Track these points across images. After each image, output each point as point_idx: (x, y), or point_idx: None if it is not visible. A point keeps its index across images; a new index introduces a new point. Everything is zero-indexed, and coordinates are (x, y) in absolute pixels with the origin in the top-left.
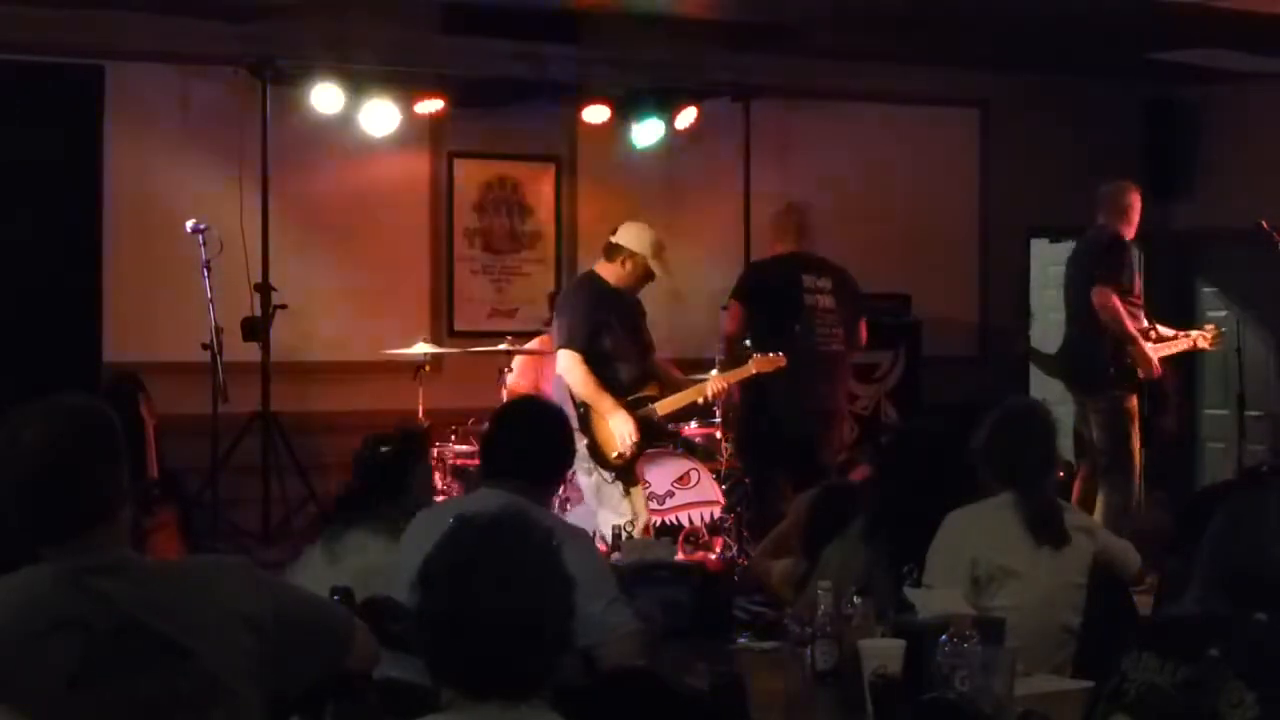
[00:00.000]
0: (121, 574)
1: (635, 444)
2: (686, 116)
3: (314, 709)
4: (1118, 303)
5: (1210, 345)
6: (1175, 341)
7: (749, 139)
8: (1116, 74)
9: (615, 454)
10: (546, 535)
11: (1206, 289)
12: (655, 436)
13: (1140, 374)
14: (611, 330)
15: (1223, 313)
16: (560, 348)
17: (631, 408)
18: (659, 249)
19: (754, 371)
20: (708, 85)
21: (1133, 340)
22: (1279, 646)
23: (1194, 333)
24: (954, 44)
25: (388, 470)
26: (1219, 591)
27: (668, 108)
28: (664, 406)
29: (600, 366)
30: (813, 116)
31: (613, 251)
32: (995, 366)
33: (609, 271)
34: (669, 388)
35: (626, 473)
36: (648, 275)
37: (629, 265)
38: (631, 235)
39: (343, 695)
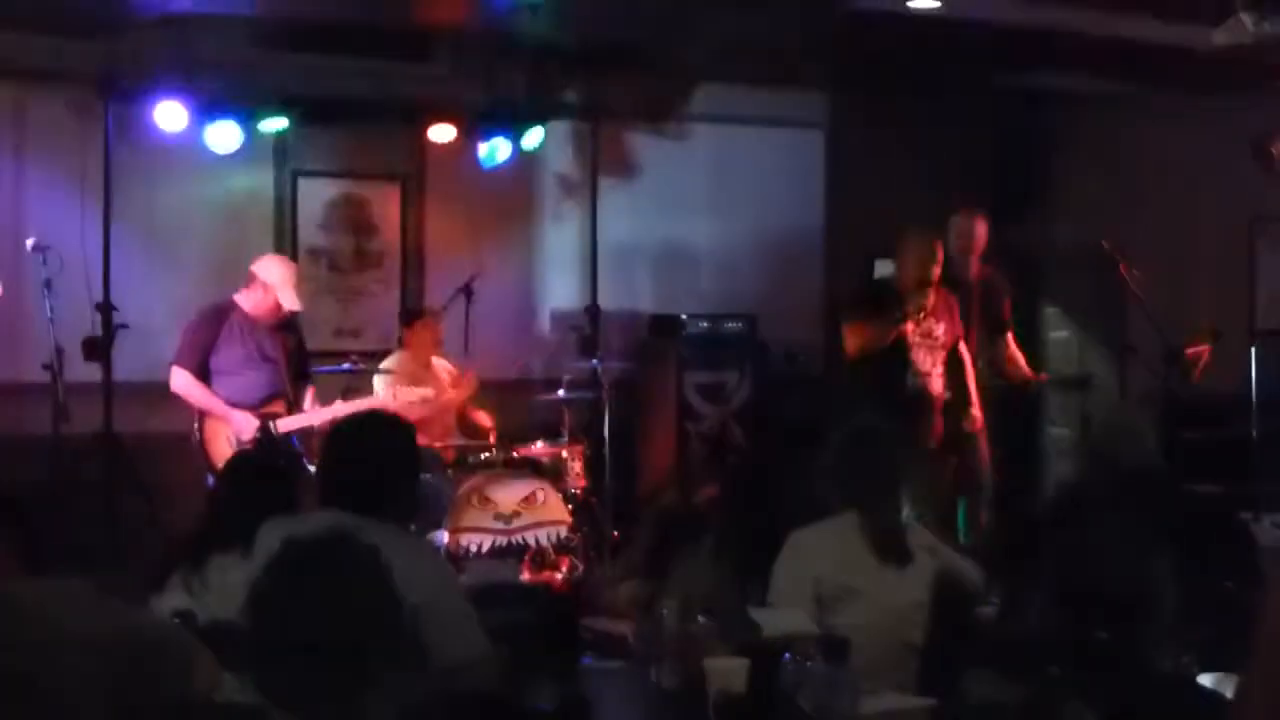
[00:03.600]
0: None
1: (246, 443)
2: (534, 136)
3: None
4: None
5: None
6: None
7: (596, 159)
8: (965, 95)
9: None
10: (371, 556)
11: (1049, 309)
12: (271, 449)
13: None
14: (225, 351)
15: (1064, 333)
16: (173, 365)
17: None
18: (287, 281)
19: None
20: (555, 105)
21: None
22: (1119, 664)
23: None
24: (798, 67)
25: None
26: (1060, 610)
27: (515, 127)
28: (286, 423)
29: (208, 381)
30: (658, 137)
31: (250, 280)
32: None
33: (245, 299)
34: (298, 410)
35: None
36: (279, 305)
37: (263, 294)
38: (266, 267)
39: (183, 717)
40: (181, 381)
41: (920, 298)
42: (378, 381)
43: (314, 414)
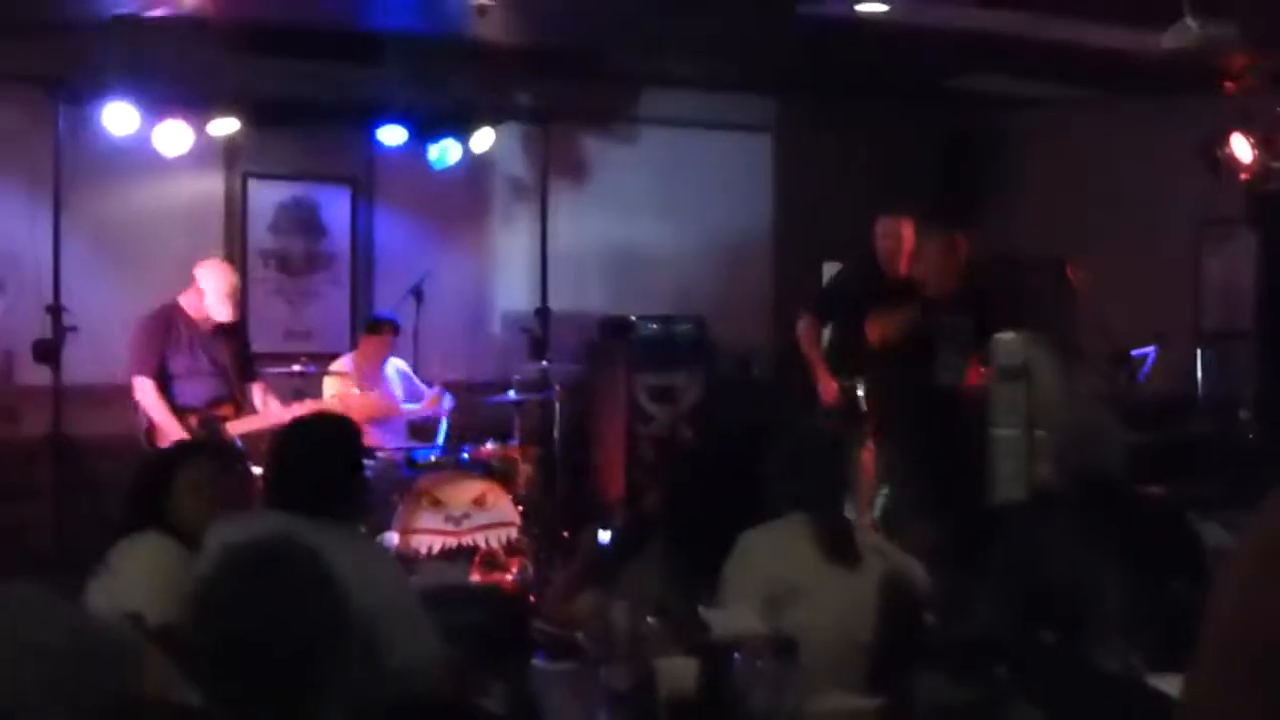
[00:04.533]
0: None
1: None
2: (483, 139)
3: None
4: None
5: None
6: None
7: (546, 162)
8: (911, 99)
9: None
10: (310, 558)
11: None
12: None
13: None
14: (173, 356)
15: (1009, 335)
16: (133, 374)
17: (202, 422)
18: (223, 293)
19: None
20: (505, 108)
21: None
22: (1065, 666)
23: None
24: (747, 70)
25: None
26: (1005, 610)
27: (465, 130)
28: (235, 426)
29: (165, 387)
30: (610, 140)
31: (192, 283)
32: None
33: (187, 302)
34: (249, 412)
35: None
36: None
37: (201, 299)
38: (203, 274)
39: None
40: (145, 391)
41: (941, 292)
42: (328, 384)
43: (264, 416)
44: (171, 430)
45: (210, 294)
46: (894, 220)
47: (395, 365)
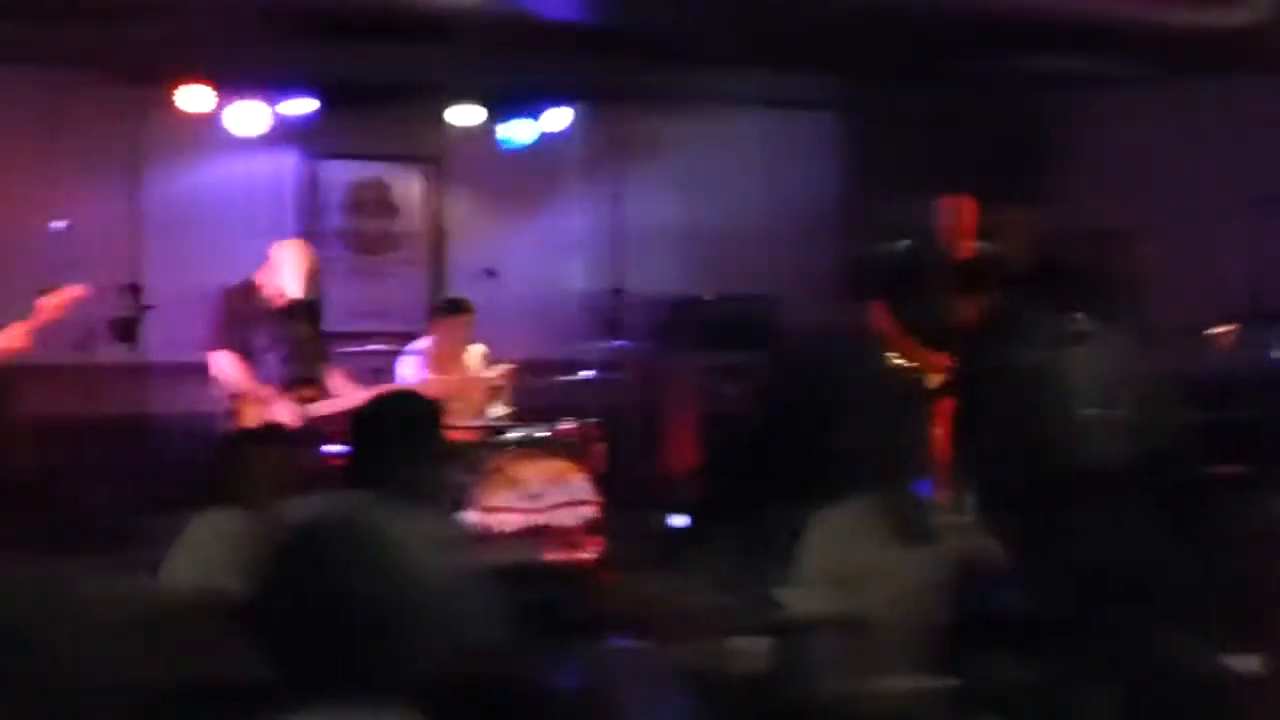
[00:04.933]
0: None
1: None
2: (555, 118)
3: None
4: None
5: None
6: None
7: (618, 141)
8: (976, 79)
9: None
10: (378, 536)
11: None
12: (296, 432)
13: None
14: (257, 334)
15: (1076, 314)
16: (211, 349)
17: (287, 403)
18: (300, 272)
19: None
20: (576, 88)
21: None
22: (1135, 646)
23: None
24: (814, 49)
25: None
26: (1076, 591)
27: (537, 110)
28: (313, 409)
29: (246, 364)
30: (678, 119)
31: (268, 263)
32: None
33: (265, 279)
34: (328, 395)
35: None
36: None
37: (278, 278)
38: (280, 254)
39: (205, 695)
40: (222, 364)
41: (1021, 268)
42: (407, 365)
43: (343, 399)
44: (252, 405)
45: (286, 271)
46: (955, 197)
47: (473, 347)
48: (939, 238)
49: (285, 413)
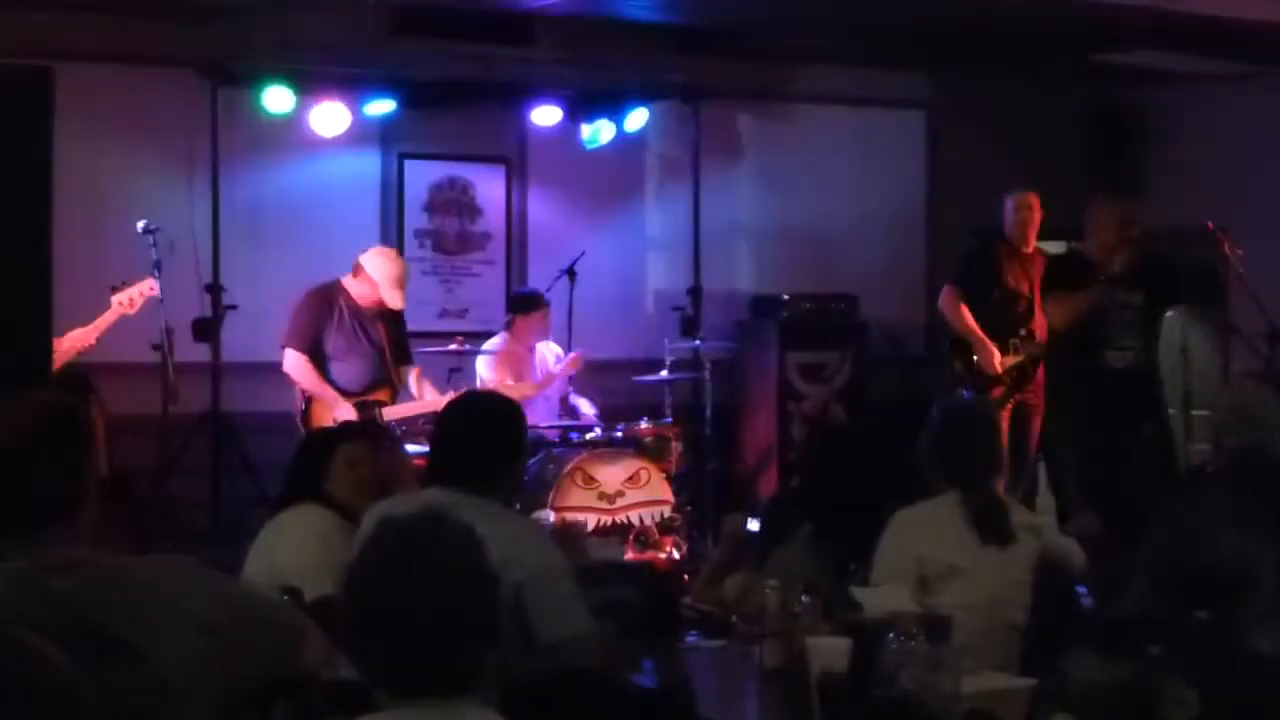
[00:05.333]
0: (75, 574)
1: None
2: (636, 118)
3: (264, 707)
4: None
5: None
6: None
7: (699, 140)
8: (1062, 76)
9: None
10: (466, 534)
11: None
12: (378, 430)
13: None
14: (333, 336)
15: (1168, 312)
16: (285, 346)
17: (360, 406)
18: (395, 281)
19: None
20: (658, 87)
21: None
22: (1219, 645)
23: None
24: (900, 47)
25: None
26: (1160, 590)
27: (618, 109)
28: (391, 411)
29: (321, 364)
30: (761, 118)
31: (357, 270)
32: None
33: (352, 285)
34: (403, 399)
35: None
36: (383, 300)
37: (369, 287)
38: (372, 262)
39: (293, 694)
40: (293, 362)
41: (1115, 265)
42: (481, 364)
43: (420, 403)
44: (324, 401)
45: (382, 282)
46: (1025, 194)
47: (546, 346)
48: (1012, 232)
49: (361, 413)
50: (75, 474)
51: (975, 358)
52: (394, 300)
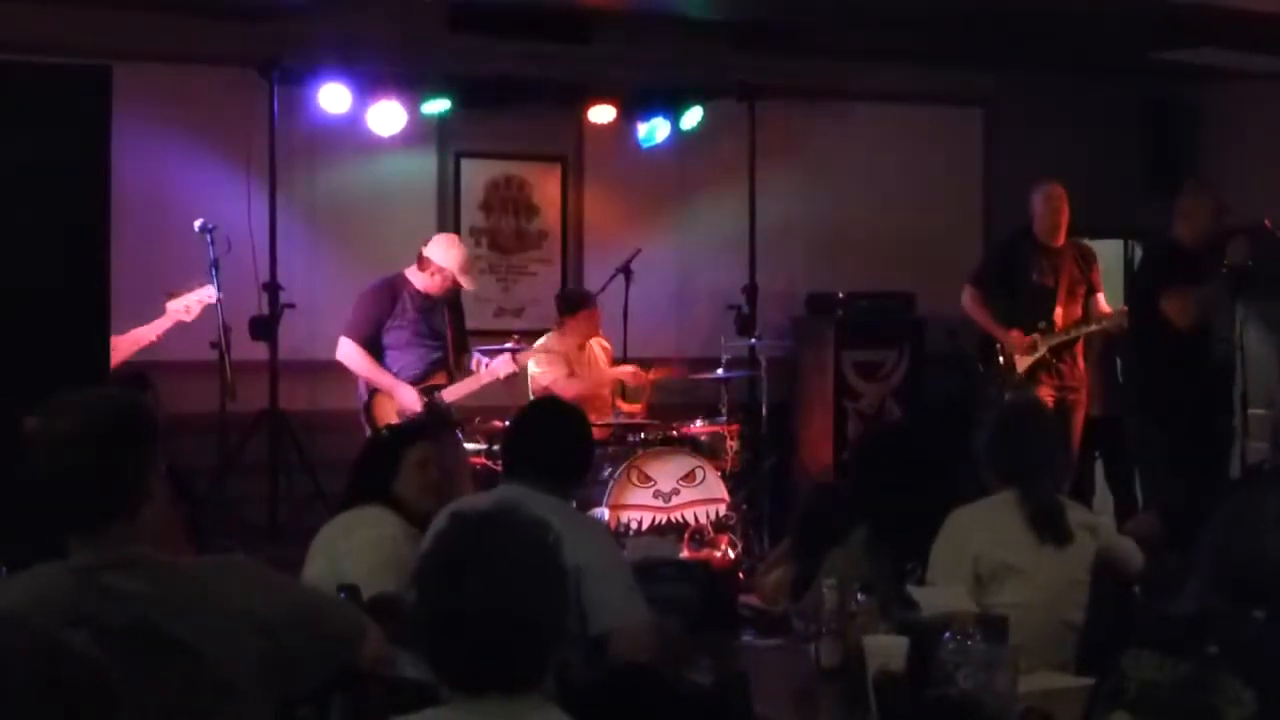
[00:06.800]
0: (138, 571)
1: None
2: (692, 116)
3: (322, 703)
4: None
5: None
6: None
7: (754, 138)
8: (1119, 73)
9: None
10: (540, 529)
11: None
12: (440, 419)
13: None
14: (397, 327)
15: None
16: (342, 335)
17: (424, 391)
18: (465, 265)
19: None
20: (713, 85)
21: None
22: (1277, 643)
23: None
24: (957, 43)
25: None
26: (1217, 589)
27: (674, 107)
28: (450, 393)
29: (378, 355)
30: (817, 116)
31: (422, 261)
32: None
33: (416, 277)
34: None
35: None
36: (456, 285)
37: (437, 277)
38: (439, 251)
39: (351, 690)
40: (346, 350)
41: (1218, 255)
42: (532, 362)
43: (476, 378)
44: (384, 389)
45: (454, 266)
46: (1053, 185)
47: (598, 344)
48: (1041, 224)
49: (424, 397)
50: (139, 469)
51: (1000, 357)
52: (468, 282)
